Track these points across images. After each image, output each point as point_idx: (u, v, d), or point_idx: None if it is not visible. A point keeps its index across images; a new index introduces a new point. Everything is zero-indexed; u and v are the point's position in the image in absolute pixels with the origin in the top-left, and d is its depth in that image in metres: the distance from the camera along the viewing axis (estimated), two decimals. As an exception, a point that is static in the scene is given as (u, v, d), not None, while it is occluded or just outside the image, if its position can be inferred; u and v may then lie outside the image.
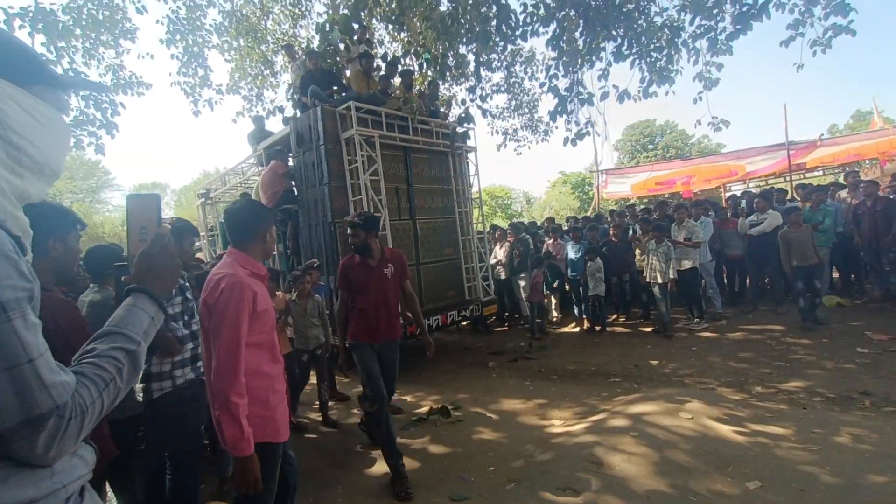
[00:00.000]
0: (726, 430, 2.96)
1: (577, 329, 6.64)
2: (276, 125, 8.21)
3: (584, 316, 6.59)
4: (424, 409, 4.02)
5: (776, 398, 3.58)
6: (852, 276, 6.79)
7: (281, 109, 8.52)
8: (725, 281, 7.12)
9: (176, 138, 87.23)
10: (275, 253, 5.22)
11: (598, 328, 6.34)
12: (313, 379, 4.16)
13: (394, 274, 2.95)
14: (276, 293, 3.89)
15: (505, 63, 8.88)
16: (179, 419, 2.03)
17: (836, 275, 6.91)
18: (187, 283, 2.15)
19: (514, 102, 10.60)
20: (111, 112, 6.51)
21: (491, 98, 9.51)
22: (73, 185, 30.32)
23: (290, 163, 5.82)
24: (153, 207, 1.02)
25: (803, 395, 3.56)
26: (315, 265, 4.31)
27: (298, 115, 5.85)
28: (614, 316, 6.99)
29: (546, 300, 7.03)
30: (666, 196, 14.23)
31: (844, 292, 6.55)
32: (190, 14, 8.12)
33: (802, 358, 4.41)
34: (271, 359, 1.71)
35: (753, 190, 10.22)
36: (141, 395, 1.99)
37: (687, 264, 5.80)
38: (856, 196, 6.27)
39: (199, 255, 8.24)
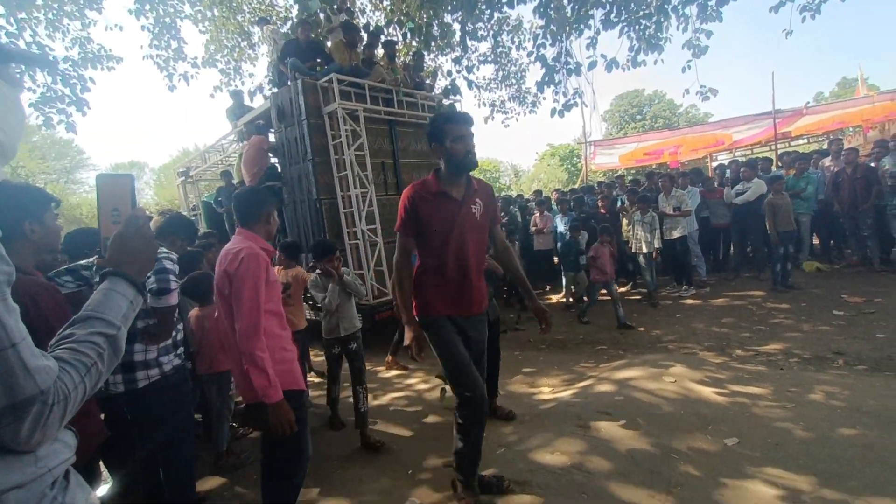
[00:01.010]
0: (707, 391, 3.08)
1: (566, 299, 6.74)
2: (256, 101, 7.93)
3: (572, 287, 6.68)
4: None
5: (755, 360, 3.71)
6: (832, 241, 6.98)
7: (260, 89, 8.22)
8: (710, 250, 7.26)
9: (152, 115, 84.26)
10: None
11: (585, 298, 6.45)
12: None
13: (483, 215, 2.07)
14: (297, 268, 3.77)
15: (491, 32, 8.64)
16: (170, 406, 2.01)
17: (816, 241, 7.09)
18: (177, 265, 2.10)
19: (500, 73, 10.36)
20: (81, 88, 6.23)
21: (477, 69, 9.27)
22: (46, 166, 29.21)
23: (272, 138, 5.68)
24: (126, 188, 0.99)
25: (781, 357, 3.70)
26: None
27: (277, 89, 5.67)
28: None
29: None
30: (653, 167, 14.28)
31: (824, 258, 6.74)
32: (159, -19, 7.68)
33: (782, 321, 4.56)
34: (280, 325, 1.92)
35: (740, 159, 10.28)
36: (122, 385, 1.92)
37: (676, 233, 5.89)
38: (837, 164, 6.37)
39: (183, 235, 8.10)
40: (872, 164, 6.32)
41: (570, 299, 6.47)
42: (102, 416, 2.05)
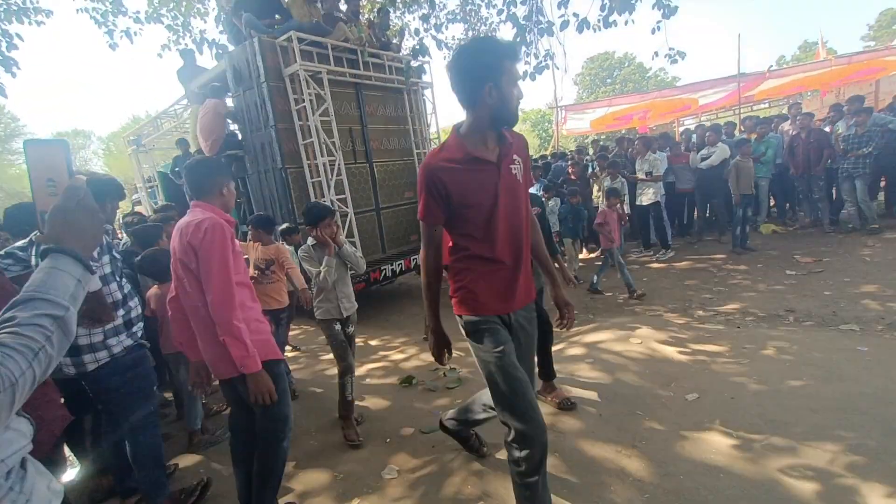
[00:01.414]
0: (671, 351, 3.24)
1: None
2: (208, 60, 7.31)
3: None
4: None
5: (715, 320, 3.92)
6: (787, 204, 7.32)
7: (211, 44, 7.53)
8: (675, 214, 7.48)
9: (98, 80, 77.36)
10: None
11: (556, 264, 6.57)
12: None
13: (524, 175, 1.62)
14: (277, 243, 3.60)
15: (460, -12, 8.23)
16: (124, 388, 1.94)
17: (773, 204, 7.41)
18: (112, 240, 1.96)
19: (470, 33, 9.96)
20: (6, 45, 5.58)
21: (446, 28, 8.86)
22: (-23, 135, 26.70)
23: (229, 102, 5.31)
24: (60, 155, 0.90)
25: (738, 316, 3.91)
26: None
27: (232, 45, 5.25)
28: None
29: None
30: (623, 132, 14.39)
31: (780, 220, 7.09)
32: (87, -79, 6.82)
33: (740, 282, 4.80)
34: (251, 297, 1.89)
35: (706, 123, 10.49)
36: (72, 367, 1.85)
37: (647, 199, 6.01)
38: (795, 128, 6.59)
39: (138, 208, 7.65)
40: (827, 129, 6.57)
41: (575, 269, 5.81)
42: (63, 400, 1.96)
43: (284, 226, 4.14)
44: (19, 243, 1.94)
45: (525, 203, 1.63)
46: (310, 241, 2.76)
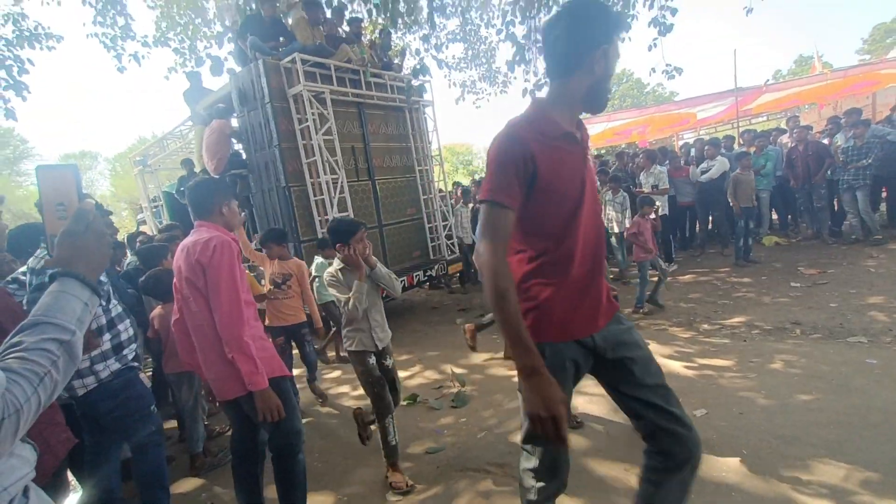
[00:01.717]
0: (677, 365, 3.21)
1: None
2: (210, 80, 7.46)
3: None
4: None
5: (720, 333, 3.88)
6: (789, 216, 7.32)
7: (215, 60, 7.63)
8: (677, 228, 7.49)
9: (106, 101, 78.90)
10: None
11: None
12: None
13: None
14: (295, 258, 3.67)
15: (459, 9, 8.43)
16: (116, 411, 1.93)
17: (774, 216, 7.42)
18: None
19: (470, 52, 10.17)
20: (18, 70, 5.74)
21: (446, 48, 9.06)
22: (-13, 157, 27.17)
23: (234, 123, 5.41)
24: (70, 180, 0.91)
25: (744, 329, 3.88)
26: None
27: (237, 67, 5.37)
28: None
29: None
30: (622, 146, 14.51)
31: (782, 232, 7.08)
32: (99, -48, 7.07)
33: (744, 295, 4.77)
34: (254, 315, 1.88)
35: (704, 137, 10.57)
36: (64, 392, 1.84)
37: (661, 212, 6.03)
38: (794, 140, 6.64)
39: (143, 227, 7.72)
40: (826, 141, 6.62)
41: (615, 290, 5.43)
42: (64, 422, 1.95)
43: (319, 239, 4.31)
44: (22, 269, 1.96)
45: (597, 198, 1.37)
46: (336, 263, 2.36)
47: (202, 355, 1.80)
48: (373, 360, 2.35)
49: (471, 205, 6.97)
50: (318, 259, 4.34)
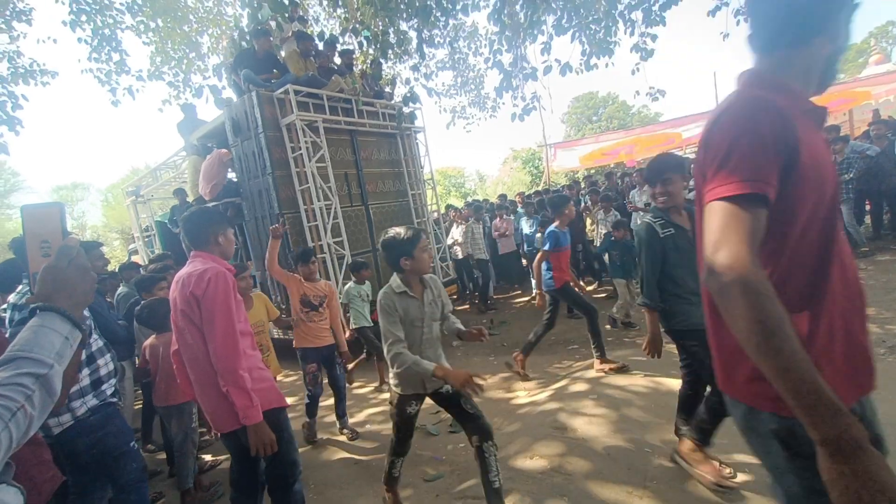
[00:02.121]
0: (675, 383, 3.18)
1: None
2: (206, 109, 7.57)
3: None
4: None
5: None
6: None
7: (213, 89, 7.73)
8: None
9: (97, 133, 79.49)
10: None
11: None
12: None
13: None
14: (323, 280, 3.53)
15: (448, 39, 8.72)
16: (94, 448, 1.87)
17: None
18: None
19: (459, 79, 10.47)
20: (12, 105, 5.81)
21: (436, 76, 9.38)
22: (-23, 191, 27.05)
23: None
24: (55, 218, 0.92)
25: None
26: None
27: (234, 97, 5.47)
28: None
29: None
30: (611, 166, 14.80)
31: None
32: (95, -9, 7.26)
33: (738, 310, 4.79)
34: (251, 345, 1.87)
35: (691, 156, 10.82)
36: (39, 431, 1.80)
37: None
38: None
39: (135, 257, 7.66)
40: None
41: (621, 316, 4.98)
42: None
43: (353, 261, 4.19)
44: (3, 305, 1.94)
45: None
46: (394, 282, 2.04)
47: (198, 388, 1.78)
48: (416, 406, 2.12)
49: (462, 225, 7.02)
50: (350, 284, 4.13)
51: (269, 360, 3.04)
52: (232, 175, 5.53)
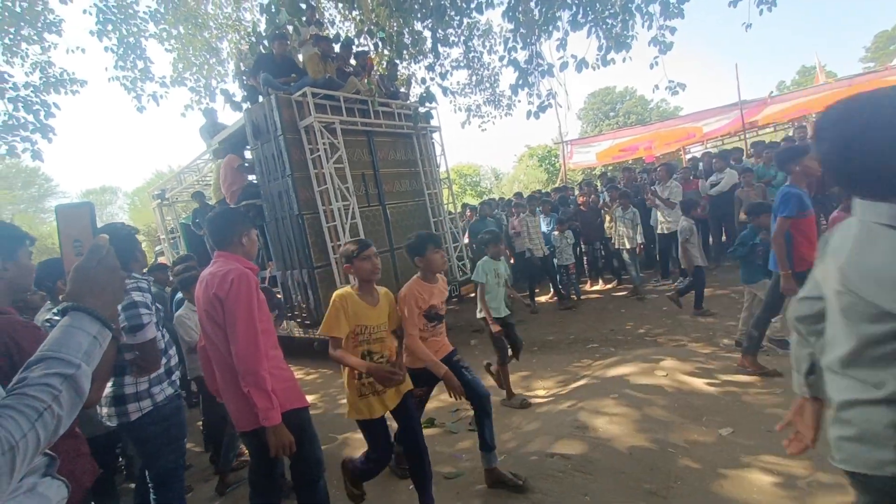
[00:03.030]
0: (699, 382, 3.13)
1: (554, 299, 6.79)
2: (225, 113, 7.73)
3: (560, 286, 6.74)
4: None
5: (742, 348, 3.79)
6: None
7: (225, 93, 7.79)
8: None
9: (124, 138, 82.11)
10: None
11: (573, 297, 6.50)
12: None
13: None
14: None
15: (462, 38, 8.70)
16: (162, 437, 1.98)
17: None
18: (149, 292, 2.03)
19: (474, 78, 10.45)
20: (45, 114, 6.04)
21: (451, 75, 9.35)
22: (13, 196, 28.22)
23: (248, 155, 5.58)
24: (85, 217, 0.94)
25: (766, 344, 3.78)
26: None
27: (248, 103, 5.58)
28: (588, 283, 7.20)
29: None
30: (629, 162, 14.55)
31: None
32: (120, 1, 7.50)
33: (763, 307, 4.67)
34: (273, 345, 1.86)
35: (712, 151, 10.58)
36: (115, 418, 1.90)
37: (673, 226, 5.99)
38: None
39: (161, 258, 7.89)
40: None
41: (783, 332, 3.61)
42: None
43: (490, 234, 3.42)
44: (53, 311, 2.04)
45: None
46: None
47: (223, 385, 1.82)
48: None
49: (534, 214, 6.61)
50: (485, 258, 3.41)
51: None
52: (253, 177, 5.65)
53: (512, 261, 6.81)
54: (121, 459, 2.34)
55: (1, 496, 0.66)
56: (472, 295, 6.54)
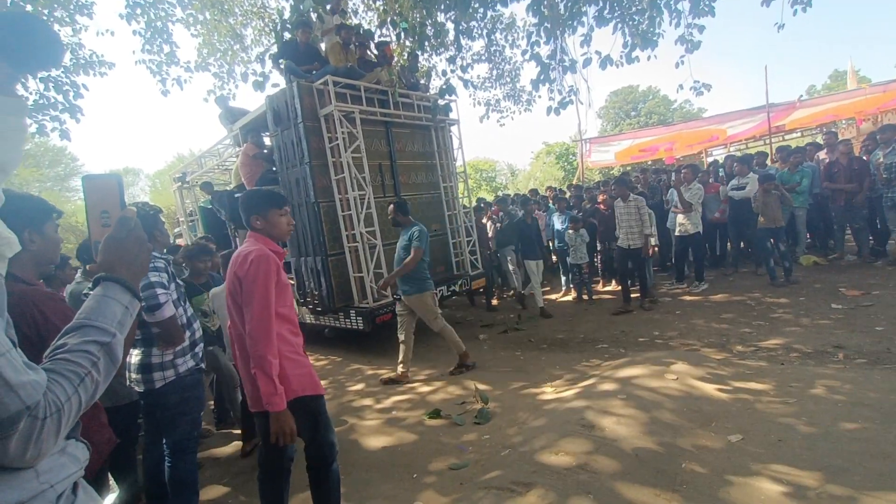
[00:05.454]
0: (710, 388, 3.09)
1: (567, 298, 6.75)
2: (246, 99, 7.82)
3: (571, 285, 6.69)
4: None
5: (756, 356, 3.72)
6: (831, 241, 7.00)
7: (262, 76, 7.76)
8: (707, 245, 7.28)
9: (147, 121, 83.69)
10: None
11: (584, 296, 6.46)
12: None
13: None
14: None
15: (485, 31, 8.63)
16: (181, 406, 2.07)
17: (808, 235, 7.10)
18: (172, 269, 2.11)
19: (495, 72, 10.37)
20: (73, 94, 6.18)
21: (472, 68, 9.28)
22: (40, 174, 29.04)
23: (268, 141, 5.64)
24: (114, 189, 0.95)
25: (781, 352, 3.71)
26: None
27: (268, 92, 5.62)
28: (601, 283, 7.13)
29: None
30: (649, 163, 14.31)
31: (820, 251, 6.77)
32: (149, -14, 7.61)
33: (781, 316, 4.57)
34: (292, 331, 1.86)
35: (735, 154, 10.33)
36: (142, 384, 2.01)
37: (691, 229, 5.90)
38: (832, 156, 6.40)
39: (179, 240, 8.06)
40: (864, 157, 6.35)
41: None
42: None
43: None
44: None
45: None
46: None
47: (240, 363, 1.87)
48: None
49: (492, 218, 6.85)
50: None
51: None
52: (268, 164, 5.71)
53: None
54: (141, 432, 2.41)
55: (49, 454, 0.70)
56: (483, 289, 6.59)
